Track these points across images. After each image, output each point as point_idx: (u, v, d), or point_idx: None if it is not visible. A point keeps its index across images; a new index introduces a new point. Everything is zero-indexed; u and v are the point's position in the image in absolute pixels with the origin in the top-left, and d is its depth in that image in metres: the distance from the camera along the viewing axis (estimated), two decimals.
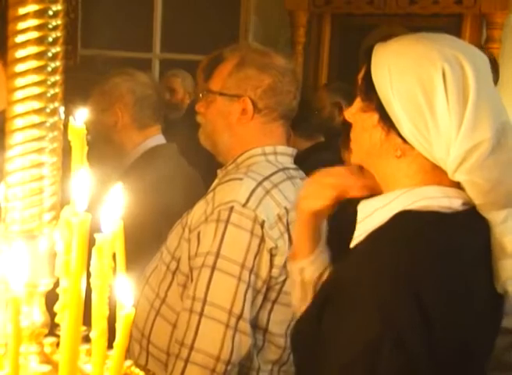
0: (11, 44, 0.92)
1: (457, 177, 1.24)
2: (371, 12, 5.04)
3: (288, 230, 1.79)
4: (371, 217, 1.29)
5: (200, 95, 2.00)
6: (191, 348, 1.72)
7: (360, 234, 1.29)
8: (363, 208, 1.32)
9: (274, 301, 1.81)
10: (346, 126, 1.42)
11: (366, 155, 1.35)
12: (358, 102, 1.36)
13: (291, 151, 1.98)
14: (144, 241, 2.05)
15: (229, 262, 1.73)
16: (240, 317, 1.72)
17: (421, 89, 1.23)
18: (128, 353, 1.03)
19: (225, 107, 1.93)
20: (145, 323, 1.89)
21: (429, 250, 1.21)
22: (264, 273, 1.76)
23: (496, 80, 3.14)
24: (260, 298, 1.78)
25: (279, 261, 1.76)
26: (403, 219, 1.25)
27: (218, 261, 1.73)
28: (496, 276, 1.28)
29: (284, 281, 1.79)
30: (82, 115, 0.98)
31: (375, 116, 1.30)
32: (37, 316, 0.94)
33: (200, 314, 1.72)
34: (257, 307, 1.79)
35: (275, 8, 5.31)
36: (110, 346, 0.78)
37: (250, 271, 1.74)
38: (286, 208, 1.81)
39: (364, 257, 1.25)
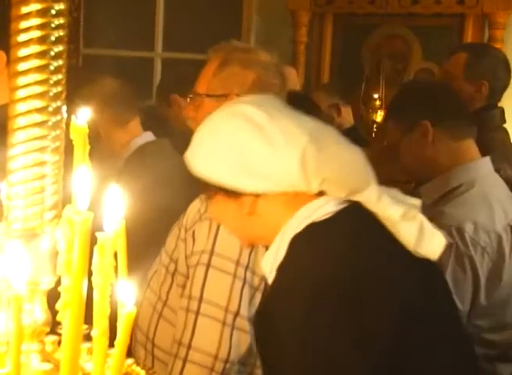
0: (13, 42, 0.92)
1: (313, 186, 1.34)
2: (373, 12, 5.04)
3: None
4: (274, 264, 1.36)
5: (188, 99, 2.00)
6: (189, 347, 1.71)
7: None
8: (265, 264, 1.40)
9: None
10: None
11: (245, 232, 1.46)
12: (208, 199, 1.49)
13: None
14: (142, 244, 2.04)
15: (223, 259, 1.72)
16: (237, 314, 1.71)
17: (232, 151, 1.35)
18: (133, 358, 1.03)
19: (213, 107, 1.92)
20: (149, 326, 1.89)
21: (334, 263, 1.27)
22: (260, 269, 1.76)
23: (508, 81, 3.13)
24: (258, 295, 1.77)
25: None
26: (295, 244, 1.33)
27: (213, 259, 1.72)
28: (406, 246, 1.34)
29: None
30: (84, 114, 0.98)
31: (221, 196, 1.41)
32: (38, 314, 0.94)
33: (197, 312, 1.72)
34: (256, 304, 1.78)
35: (277, 8, 5.31)
36: (111, 344, 0.79)
37: (246, 268, 1.73)
38: None
39: (273, 292, 1.33)
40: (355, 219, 1.36)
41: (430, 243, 1.35)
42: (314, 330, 1.21)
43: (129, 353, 0.95)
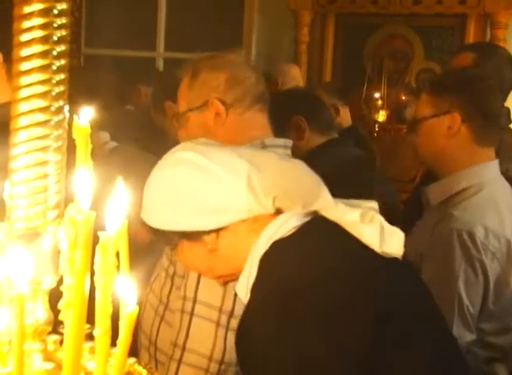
0: (16, 42, 0.92)
1: (268, 207, 1.39)
2: (374, 12, 5.04)
3: None
4: (249, 290, 1.39)
5: (175, 123, 2.02)
6: (183, 348, 1.70)
7: None
8: (240, 288, 1.43)
9: None
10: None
11: (217, 270, 1.49)
12: (173, 249, 1.53)
13: (283, 142, 1.91)
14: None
15: None
16: (231, 315, 1.70)
17: (179, 197, 1.40)
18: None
19: (199, 119, 1.93)
20: (151, 329, 1.88)
21: (303, 277, 1.29)
22: None
23: None
24: None
25: None
26: (264, 264, 1.36)
27: None
28: (373, 248, 1.35)
29: None
30: (86, 113, 0.98)
31: (184, 242, 1.46)
32: (40, 313, 0.94)
33: (191, 313, 1.71)
34: None
35: (279, 8, 5.31)
36: (113, 344, 0.79)
37: None
38: None
39: (247, 313, 1.36)
40: (320, 231, 1.39)
41: (391, 241, 1.36)
42: (288, 346, 1.23)
43: (135, 356, 0.95)
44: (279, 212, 1.40)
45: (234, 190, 1.38)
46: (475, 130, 2.11)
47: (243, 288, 1.41)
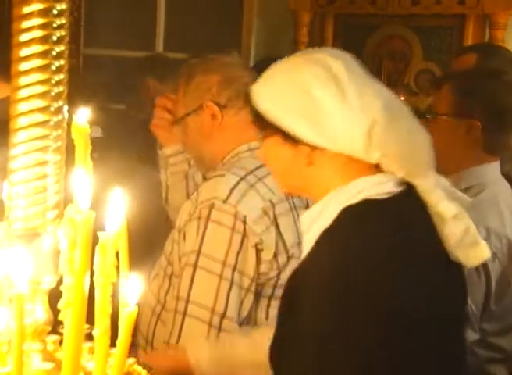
0: (15, 42, 0.92)
1: (372, 157, 1.31)
2: (373, 13, 5.04)
3: (276, 222, 1.77)
4: (313, 225, 1.33)
5: (175, 130, 2.04)
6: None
7: (306, 244, 1.34)
8: (304, 221, 1.37)
9: (271, 297, 1.79)
10: None
11: (289, 178, 1.42)
12: (260, 137, 1.44)
13: None
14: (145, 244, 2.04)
15: (210, 259, 1.71)
16: (223, 316, 1.69)
17: (303, 96, 1.32)
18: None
19: (197, 123, 1.95)
20: (148, 329, 1.89)
21: (375, 243, 1.25)
22: (250, 270, 1.73)
23: None
24: (250, 296, 1.75)
25: (266, 255, 1.74)
26: (348, 216, 1.29)
27: (200, 259, 1.71)
28: (446, 244, 1.32)
29: (278, 275, 1.77)
30: (85, 113, 0.98)
31: (278, 138, 1.37)
32: (40, 313, 0.94)
33: (184, 313, 1.70)
34: (247, 306, 1.75)
35: (277, 8, 5.31)
36: (113, 344, 0.79)
37: (233, 268, 1.71)
38: (271, 201, 1.78)
39: (312, 261, 1.29)
40: (408, 207, 1.32)
41: (470, 250, 1.33)
42: (331, 306, 1.20)
43: (134, 356, 0.96)
44: (376, 166, 1.33)
45: (354, 122, 1.29)
46: (490, 141, 2.07)
47: (307, 222, 1.35)
